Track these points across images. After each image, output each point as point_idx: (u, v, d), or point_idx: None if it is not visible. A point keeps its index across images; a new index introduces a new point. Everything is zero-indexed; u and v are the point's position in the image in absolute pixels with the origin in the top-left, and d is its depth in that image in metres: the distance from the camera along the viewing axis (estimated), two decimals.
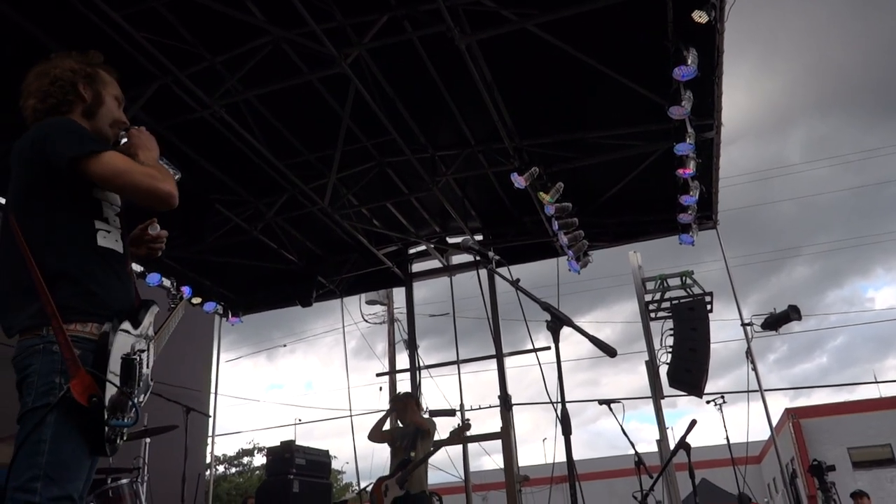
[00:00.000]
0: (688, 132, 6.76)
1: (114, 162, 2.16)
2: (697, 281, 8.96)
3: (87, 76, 2.35)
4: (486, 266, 3.05)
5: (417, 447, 6.64)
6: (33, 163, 2.16)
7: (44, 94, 2.30)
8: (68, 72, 2.32)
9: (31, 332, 2.05)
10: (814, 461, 8.62)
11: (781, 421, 25.33)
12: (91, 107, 2.38)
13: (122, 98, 2.53)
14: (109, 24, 5.60)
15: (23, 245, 2.05)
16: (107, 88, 2.43)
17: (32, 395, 1.96)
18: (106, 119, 2.43)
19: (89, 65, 2.40)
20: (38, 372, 1.98)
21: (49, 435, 1.92)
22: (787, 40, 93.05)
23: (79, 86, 2.33)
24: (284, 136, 7.40)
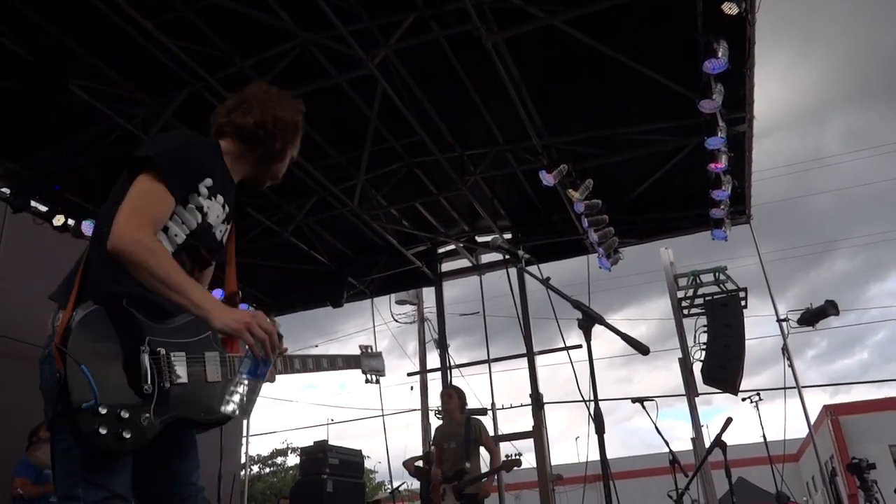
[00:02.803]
0: (719, 126, 6.66)
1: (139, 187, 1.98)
2: (731, 276, 8.83)
3: (292, 135, 2.34)
4: (515, 265, 3.05)
5: (472, 456, 6.38)
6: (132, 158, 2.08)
7: (255, 125, 2.25)
8: (288, 122, 2.32)
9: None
10: (853, 459, 8.42)
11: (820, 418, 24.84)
12: (269, 157, 2.33)
13: (296, 156, 2.45)
14: (141, 33, 5.70)
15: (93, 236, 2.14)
16: (292, 147, 2.40)
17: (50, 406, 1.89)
18: (273, 171, 2.39)
19: (299, 124, 2.39)
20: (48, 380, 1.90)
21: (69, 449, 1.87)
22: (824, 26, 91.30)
23: (276, 138, 2.29)
24: (313, 139, 7.45)
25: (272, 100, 2.33)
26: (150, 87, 6.56)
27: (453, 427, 6.68)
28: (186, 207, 2.10)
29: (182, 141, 2.13)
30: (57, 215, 7.52)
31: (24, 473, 5.59)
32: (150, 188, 1.98)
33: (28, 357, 8.35)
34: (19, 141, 7.11)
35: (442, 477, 6.34)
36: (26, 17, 5.60)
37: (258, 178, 2.38)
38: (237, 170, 2.30)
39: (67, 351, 1.81)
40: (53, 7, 5.61)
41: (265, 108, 2.29)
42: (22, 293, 7.97)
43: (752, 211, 8.81)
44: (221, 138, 2.28)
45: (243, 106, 2.30)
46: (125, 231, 1.88)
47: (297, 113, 2.38)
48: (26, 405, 7.32)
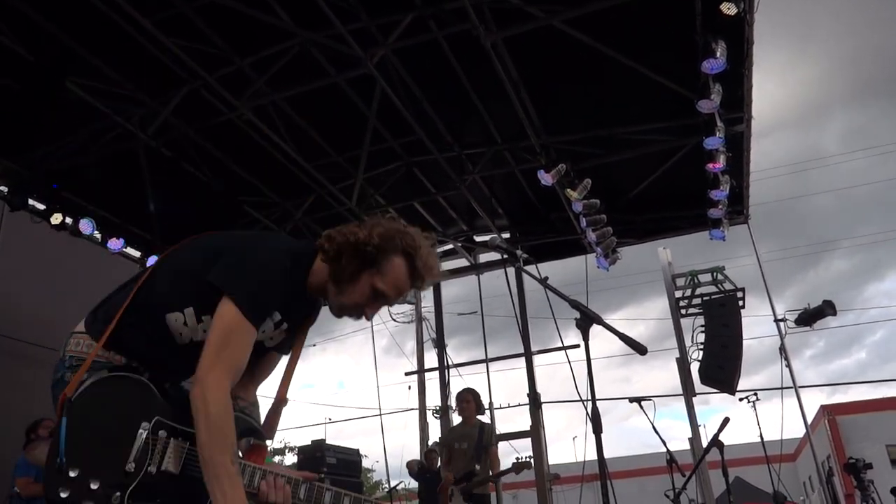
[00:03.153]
0: (717, 126, 6.66)
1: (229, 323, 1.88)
2: (729, 276, 8.84)
3: (361, 252, 2.02)
4: (513, 264, 3.04)
5: (482, 458, 6.41)
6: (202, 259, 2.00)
7: (330, 235, 2.09)
8: (353, 238, 2.04)
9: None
10: (850, 459, 8.44)
11: (817, 418, 24.88)
12: (338, 277, 2.05)
13: (391, 294, 2.08)
14: (140, 31, 5.70)
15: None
16: (375, 276, 2.04)
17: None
18: (347, 297, 2.06)
19: (392, 247, 2.04)
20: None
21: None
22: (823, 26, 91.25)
23: (344, 255, 2.04)
24: (311, 138, 7.45)
25: (367, 223, 2.13)
26: (148, 86, 6.55)
27: (467, 429, 6.68)
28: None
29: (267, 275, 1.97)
30: (55, 214, 7.51)
31: (25, 473, 5.53)
32: (236, 328, 1.88)
33: (25, 355, 8.38)
34: (18, 139, 7.10)
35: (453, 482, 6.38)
36: (25, 16, 5.59)
37: (327, 298, 2.15)
38: (314, 283, 2.12)
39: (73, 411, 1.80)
40: (52, 6, 5.60)
41: (351, 227, 2.13)
42: (19, 291, 7.97)
43: (750, 211, 8.82)
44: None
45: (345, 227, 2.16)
46: (208, 382, 1.80)
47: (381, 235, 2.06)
48: (23, 403, 7.32)
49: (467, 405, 6.73)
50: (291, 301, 2.10)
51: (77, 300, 8.69)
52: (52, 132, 7.02)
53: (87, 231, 7.75)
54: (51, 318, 8.32)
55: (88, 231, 7.76)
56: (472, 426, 6.69)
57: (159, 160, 7.23)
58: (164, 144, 7.07)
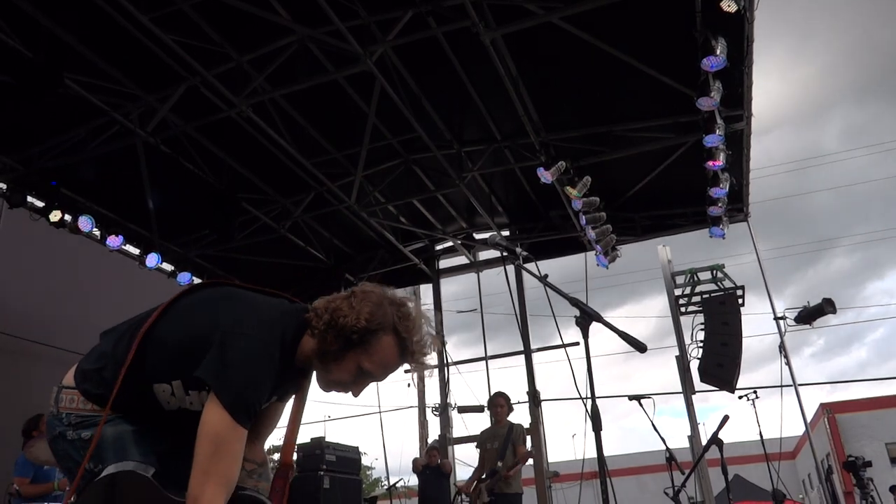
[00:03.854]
0: (717, 123, 6.65)
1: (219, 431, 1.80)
2: (729, 274, 8.83)
3: (349, 334, 1.95)
4: (513, 262, 3.02)
5: (507, 454, 6.63)
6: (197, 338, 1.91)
7: (319, 309, 2.01)
8: (350, 319, 1.95)
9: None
10: (849, 457, 8.43)
11: (816, 416, 24.89)
12: (323, 354, 1.99)
13: (378, 373, 2.04)
14: (138, 28, 5.68)
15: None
16: (361, 355, 1.99)
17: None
18: (332, 375, 2.03)
19: (382, 326, 1.98)
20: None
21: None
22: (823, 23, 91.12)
23: (329, 334, 1.97)
24: (310, 135, 7.44)
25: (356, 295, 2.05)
26: (146, 83, 6.53)
27: (498, 429, 6.91)
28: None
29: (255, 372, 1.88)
30: (54, 211, 7.49)
31: (23, 472, 5.51)
32: (227, 437, 1.80)
33: (23, 352, 8.39)
34: (16, 136, 7.09)
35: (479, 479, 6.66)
36: (22, 12, 5.57)
37: (314, 370, 2.11)
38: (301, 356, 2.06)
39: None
40: (50, 2, 5.58)
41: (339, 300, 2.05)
42: (18, 288, 7.96)
43: (750, 209, 8.81)
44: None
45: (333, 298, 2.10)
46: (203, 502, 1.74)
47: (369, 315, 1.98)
48: (21, 399, 7.31)
49: (500, 409, 7.00)
50: (282, 381, 2.01)
51: (76, 297, 8.73)
52: (50, 129, 7.01)
53: (86, 228, 7.74)
54: (49, 315, 8.34)
55: (87, 228, 7.75)
56: (503, 426, 6.92)
57: (158, 157, 7.22)
58: (162, 141, 7.06)
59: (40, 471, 5.47)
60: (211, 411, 1.80)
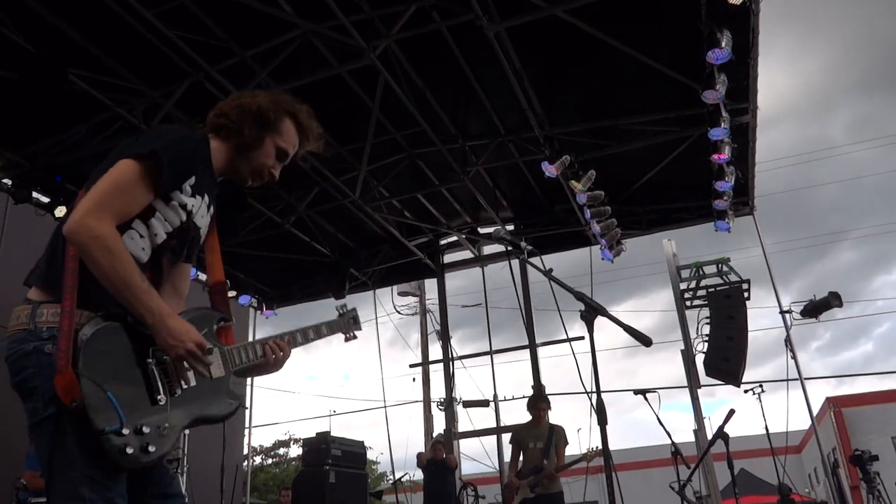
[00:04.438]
0: (722, 116, 6.63)
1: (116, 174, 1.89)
2: (734, 268, 8.80)
3: (261, 118, 2.19)
4: (517, 256, 3.01)
5: (551, 454, 6.85)
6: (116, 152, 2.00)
7: (220, 112, 2.20)
8: (253, 107, 2.19)
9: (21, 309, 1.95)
10: (855, 451, 8.41)
11: (822, 410, 24.82)
12: (244, 146, 2.21)
13: (290, 150, 2.35)
14: (142, 23, 5.68)
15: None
16: (275, 137, 2.24)
17: (42, 400, 1.82)
18: (255, 162, 2.26)
19: (282, 110, 2.25)
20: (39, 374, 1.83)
21: (66, 449, 1.78)
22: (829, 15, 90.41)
23: (245, 125, 2.17)
24: None
25: (245, 94, 2.27)
26: (151, 78, 6.54)
27: (540, 430, 7.04)
28: (169, 204, 2.02)
29: (174, 136, 2.02)
30: (59, 206, 7.51)
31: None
32: (131, 177, 1.88)
33: None
34: (21, 131, 7.09)
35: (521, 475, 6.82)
36: (27, 8, 5.58)
37: (239, 171, 2.27)
38: (218, 165, 2.21)
39: (90, 377, 1.77)
40: None
41: (233, 99, 2.24)
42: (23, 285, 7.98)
43: (755, 202, 8.78)
44: (208, 136, 2.21)
45: (219, 104, 2.24)
46: (84, 215, 1.82)
47: (271, 101, 2.22)
48: None
49: (543, 412, 7.15)
50: (199, 168, 2.08)
51: None
52: (55, 125, 7.02)
53: None
54: None
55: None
56: (544, 427, 7.05)
57: None
58: None
59: None
60: (123, 162, 1.88)
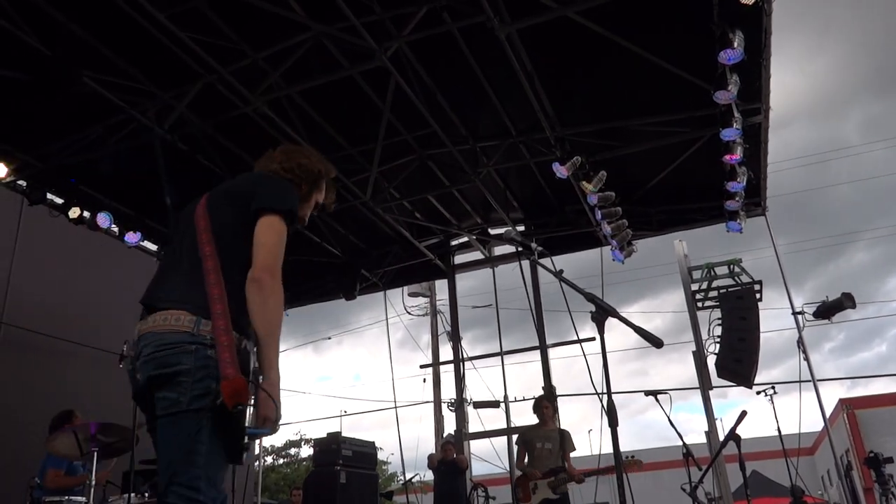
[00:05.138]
0: (734, 117, 6.60)
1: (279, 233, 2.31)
2: (746, 269, 8.76)
3: (315, 179, 2.66)
4: (528, 257, 3.01)
5: (567, 456, 6.99)
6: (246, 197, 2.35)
7: (288, 168, 2.59)
8: (309, 170, 2.63)
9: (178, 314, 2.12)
10: (870, 453, 8.35)
11: (835, 412, 24.62)
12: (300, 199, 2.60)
13: (321, 202, 2.79)
14: (155, 25, 5.72)
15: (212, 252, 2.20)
16: (318, 193, 2.72)
17: (188, 395, 2.02)
18: (300, 211, 2.60)
19: (325, 172, 2.72)
20: (192, 372, 2.04)
21: (208, 443, 2.01)
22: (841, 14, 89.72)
23: (304, 182, 2.61)
24: (326, 131, 7.46)
25: (301, 152, 2.69)
26: (163, 80, 6.58)
27: (549, 431, 7.13)
28: None
29: (295, 196, 2.49)
30: (73, 208, 7.58)
31: (56, 465, 5.50)
32: (282, 236, 2.31)
33: (42, 348, 8.46)
34: (35, 133, 7.17)
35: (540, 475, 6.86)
36: (41, 10, 5.63)
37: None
38: None
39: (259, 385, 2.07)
40: (68, 0, 5.63)
41: (292, 156, 2.65)
42: (37, 285, 8.05)
43: (768, 203, 8.74)
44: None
45: (273, 156, 2.67)
46: (269, 267, 2.21)
47: (322, 164, 2.70)
48: (39, 394, 7.40)
49: (546, 410, 7.24)
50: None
51: (94, 293, 8.81)
52: (68, 126, 7.08)
53: (105, 225, 7.82)
54: (68, 311, 8.43)
55: (106, 225, 7.83)
56: (553, 429, 7.14)
57: (175, 154, 7.27)
58: (179, 138, 7.10)
59: (71, 464, 5.50)
60: (272, 218, 2.29)
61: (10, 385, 7.34)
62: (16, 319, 7.67)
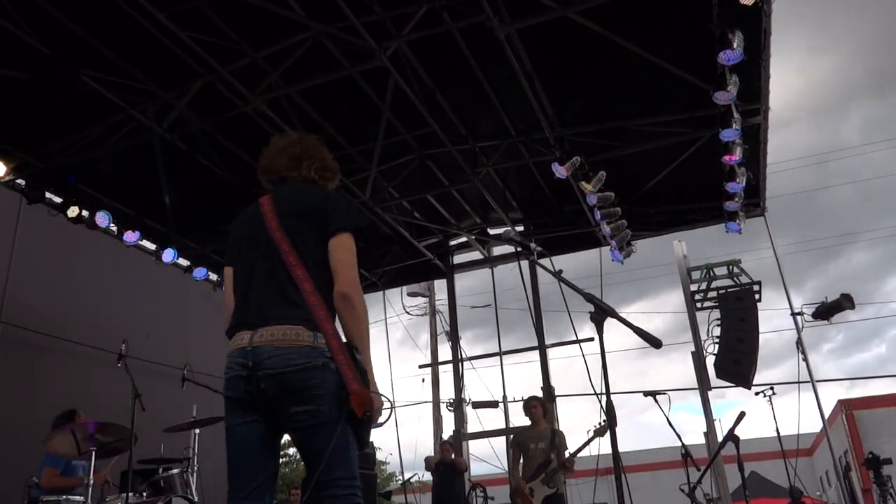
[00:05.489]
0: (734, 118, 6.60)
1: (353, 249, 2.51)
2: (745, 270, 8.76)
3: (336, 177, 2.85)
4: (527, 257, 3.01)
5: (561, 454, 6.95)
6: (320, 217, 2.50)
7: (326, 167, 2.78)
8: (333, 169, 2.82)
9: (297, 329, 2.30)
10: (869, 454, 8.35)
11: (834, 412, 24.63)
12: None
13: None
14: (154, 24, 5.71)
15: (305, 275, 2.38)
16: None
17: (326, 406, 2.27)
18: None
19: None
20: (326, 386, 2.28)
21: (350, 442, 2.33)
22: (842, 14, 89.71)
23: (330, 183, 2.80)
24: (325, 130, 7.45)
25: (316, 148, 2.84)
26: (163, 79, 6.58)
27: (541, 431, 7.12)
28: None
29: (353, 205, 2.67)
30: (71, 207, 7.57)
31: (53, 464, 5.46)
32: (355, 250, 2.50)
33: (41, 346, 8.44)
34: (34, 133, 7.15)
35: (526, 476, 6.86)
36: (40, 9, 5.62)
37: None
38: None
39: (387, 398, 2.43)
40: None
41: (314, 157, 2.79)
42: (36, 284, 8.04)
43: (767, 203, 8.74)
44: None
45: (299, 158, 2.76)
46: (355, 282, 2.42)
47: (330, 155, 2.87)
48: (37, 393, 7.38)
49: (535, 410, 7.22)
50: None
51: (93, 292, 8.80)
52: (68, 126, 7.07)
53: (104, 224, 7.80)
54: (67, 310, 8.42)
55: (104, 224, 7.81)
56: (544, 429, 7.13)
57: (174, 153, 7.27)
58: (179, 137, 7.10)
59: (69, 464, 5.47)
60: (348, 239, 2.49)
61: (8, 384, 7.32)
62: (14, 318, 7.65)
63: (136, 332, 7.26)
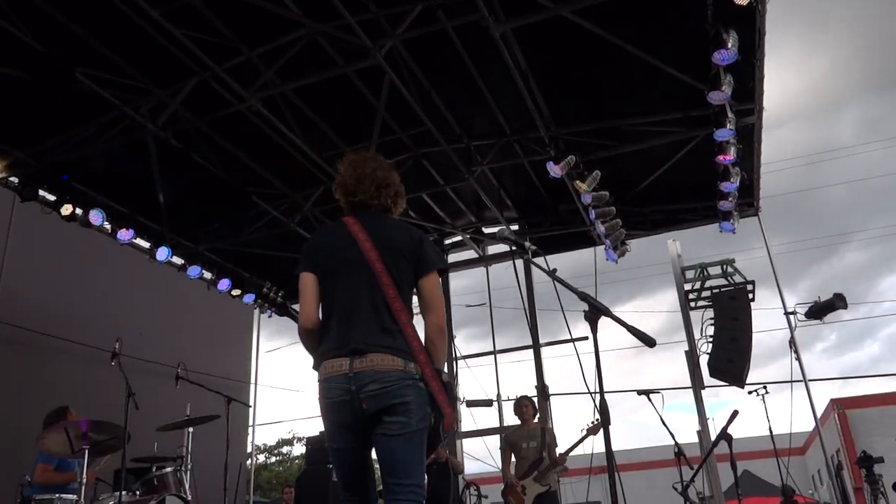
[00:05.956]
0: (728, 117, 6.61)
1: (440, 288, 2.89)
2: (739, 269, 8.78)
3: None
4: (522, 256, 3.01)
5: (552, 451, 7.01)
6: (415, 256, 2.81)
7: (395, 196, 3.07)
8: (403, 195, 3.14)
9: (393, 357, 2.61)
10: (862, 452, 8.40)
11: (826, 411, 24.75)
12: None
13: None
14: (149, 22, 5.69)
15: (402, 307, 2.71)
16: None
17: (415, 419, 2.60)
18: None
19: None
20: (416, 402, 2.60)
21: (424, 454, 2.67)
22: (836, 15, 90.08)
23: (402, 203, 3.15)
24: (320, 129, 7.44)
25: (390, 177, 3.09)
26: (157, 77, 6.56)
27: (531, 430, 7.17)
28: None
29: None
30: (65, 205, 7.53)
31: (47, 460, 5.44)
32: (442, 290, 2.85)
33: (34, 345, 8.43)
34: (28, 130, 7.12)
35: (518, 475, 6.92)
36: (35, 7, 5.60)
37: None
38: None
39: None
40: None
41: (391, 186, 3.07)
42: (30, 281, 8.02)
43: (762, 202, 8.77)
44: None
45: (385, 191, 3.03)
46: (444, 318, 2.85)
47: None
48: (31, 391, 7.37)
49: (526, 409, 7.27)
50: None
51: (86, 291, 8.78)
52: (61, 123, 7.04)
53: (97, 222, 7.77)
54: (61, 308, 8.40)
55: (98, 222, 7.78)
56: (535, 428, 7.18)
57: (168, 151, 7.25)
58: (173, 136, 7.08)
59: (63, 460, 5.44)
60: (437, 279, 2.85)
61: (1, 382, 7.31)
62: (7, 316, 7.63)
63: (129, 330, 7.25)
